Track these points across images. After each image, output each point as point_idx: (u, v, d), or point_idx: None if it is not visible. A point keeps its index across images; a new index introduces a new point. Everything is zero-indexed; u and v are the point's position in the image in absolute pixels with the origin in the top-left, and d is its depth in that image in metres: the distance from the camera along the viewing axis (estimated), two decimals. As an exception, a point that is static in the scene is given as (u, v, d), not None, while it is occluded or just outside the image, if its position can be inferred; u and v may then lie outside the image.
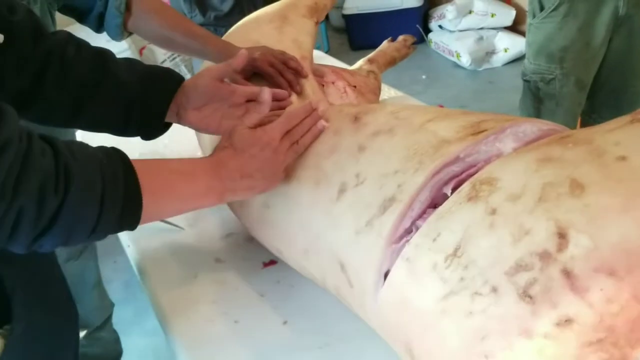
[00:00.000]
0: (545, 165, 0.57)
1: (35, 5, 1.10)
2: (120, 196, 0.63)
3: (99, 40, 1.22)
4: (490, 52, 3.33)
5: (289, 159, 0.79)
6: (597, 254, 0.49)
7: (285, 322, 0.88)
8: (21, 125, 0.58)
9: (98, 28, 1.20)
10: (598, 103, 1.78)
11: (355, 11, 3.68)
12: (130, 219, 0.66)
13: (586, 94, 1.74)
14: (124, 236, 1.15)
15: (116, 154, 0.66)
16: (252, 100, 0.90)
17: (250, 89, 0.91)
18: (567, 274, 0.49)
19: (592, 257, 0.49)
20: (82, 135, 1.35)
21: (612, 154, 0.55)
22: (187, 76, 3.22)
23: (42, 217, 0.57)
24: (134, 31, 1.20)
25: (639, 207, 0.50)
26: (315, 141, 0.81)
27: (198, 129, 0.93)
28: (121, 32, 1.19)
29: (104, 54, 0.88)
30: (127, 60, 0.91)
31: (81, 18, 1.21)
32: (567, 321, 0.48)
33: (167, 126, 0.92)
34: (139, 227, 0.68)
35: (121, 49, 2.87)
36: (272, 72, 1.00)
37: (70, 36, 0.87)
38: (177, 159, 0.78)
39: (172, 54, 3.23)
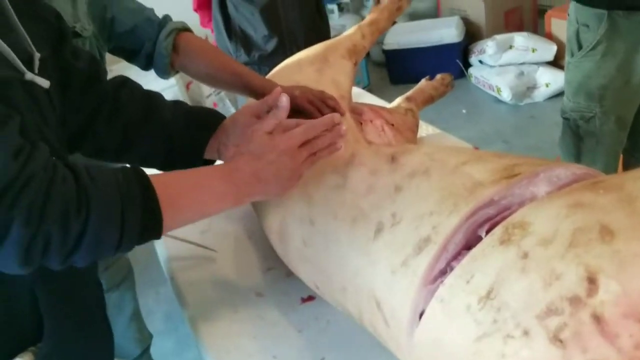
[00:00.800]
0: (577, 210, 0.59)
1: (85, 45, 1.18)
2: (139, 211, 0.68)
3: (149, 74, 1.30)
4: (532, 87, 3.32)
5: (304, 168, 0.81)
6: (626, 300, 0.50)
7: (322, 359, 0.90)
8: (48, 158, 0.64)
9: (146, 67, 1.27)
10: (640, 142, 1.77)
11: (395, 47, 3.73)
12: (152, 231, 0.70)
13: (627, 132, 1.73)
14: (166, 267, 1.20)
15: (133, 172, 0.71)
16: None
17: (285, 122, 0.94)
18: (597, 319, 0.50)
19: (621, 303, 0.50)
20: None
21: (643, 201, 0.56)
22: (232, 110, 3.32)
23: (67, 240, 0.62)
24: (181, 70, 1.27)
25: (669, 254, 0.51)
26: (353, 180, 0.84)
27: None
28: (168, 70, 1.25)
29: (152, 97, 0.95)
30: (173, 102, 0.97)
31: (130, 58, 1.28)
32: (598, 366, 0.49)
33: (209, 163, 0.97)
34: (182, 257, 0.72)
35: (169, 84, 2.98)
36: (311, 109, 1.05)
37: (125, 81, 0.94)
38: (193, 169, 0.81)
39: (216, 90, 3.34)
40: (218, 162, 0.96)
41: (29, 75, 0.70)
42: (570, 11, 1.71)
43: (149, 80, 2.98)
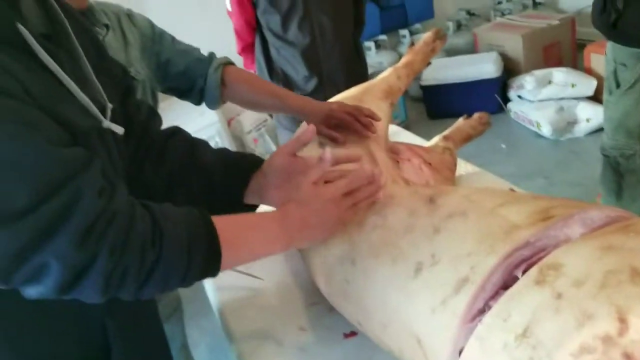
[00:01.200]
0: (608, 253, 0.61)
1: (139, 88, 1.27)
2: (203, 250, 0.76)
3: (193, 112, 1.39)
4: (572, 122, 3.30)
5: (347, 216, 0.88)
6: (657, 341, 0.52)
7: (364, 394, 0.93)
8: (128, 197, 0.73)
9: (199, 101, 1.39)
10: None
11: (432, 82, 3.77)
12: (213, 268, 0.77)
13: (668, 169, 1.73)
14: (213, 299, 1.25)
15: (199, 214, 0.78)
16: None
17: (329, 172, 0.97)
18: (628, 357, 0.53)
19: (652, 343, 0.52)
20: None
21: (673, 245, 0.59)
22: (271, 145, 3.41)
23: (142, 270, 0.70)
24: (228, 99, 1.39)
25: (698, 296, 0.53)
26: (392, 220, 0.88)
27: (277, 206, 1.00)
28: (218, 101, 1.38)
29: (196, 145, 1.01)
30: (217, 149, 1.04)
31: (182, 95, 1.40)
32: (630, 403, 0.52)
33: (252, 207, 1.02)
34: (228, 290, 0.78)
35: (212, 121, 3.10)
36: (349, 119, 1.16)
37: (176, 131, 1.02)
38: (249, 214, 0.89)
39: (258, 125, 3.44)
40: (264, 207, 1.01)
41: (106, 123, 0.79)
42: (607, 50, 1.74)
43: (194, 118, 3.11)
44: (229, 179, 0.98)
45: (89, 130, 0.76)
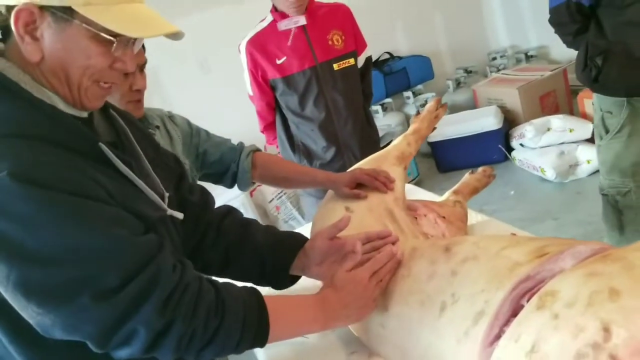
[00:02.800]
0: (592, 278, 0.77)
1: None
2: (255, 323, 0.91)
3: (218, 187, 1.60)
4: (574, 165, 3.46)
5: (376, 293, 1.04)
6: (632, 342, 0.68)
7: None
8: (195, 272, 0.90)
9: (231, 184, 1.58)
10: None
11: (439, 138, 3.97)
12: (261, 340, 0.93)
13: (663, 202, 1.87)
14: (260, 357, 1.39)
15: (254, 292, 0.95)
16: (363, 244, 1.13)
17: (356, 237, 1.13)
18: (613, 357, 0.68)
19: (629, 344, 0.68)
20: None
21: (640, 267, 0.74)
22: (293, 210, 3.57)
23: (205, 335, 0.86)
24: (258, 180, 1.61)
25: (662, 305, 0.69)
26: (416, 269, 1.04)
27: (322, 280, 1.15)
28: (249, 183, 1.59)
29: (250, 224, 1.18)
30: (266, 226, 1.20)
31: (217, 180, 1.59)
32: (618, 393, 0.66)
33: (294, 279, 1.18)
34: (274, 347, 1.01)
35: (236, 193, 3.30)
36: (368, 179, 1.38)
37: (230, 210, 1.19)
38: (295, 296, 1.04)
39: (279, 193, 3.63)
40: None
41: (169, 212, 0.97)
42: (594, 100, 1.92)
43: (221, 192, 3.29)
44: (278, 257, 1.14)
45: (157, 219, 0.93)
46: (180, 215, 0.99)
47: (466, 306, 0.90)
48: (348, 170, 1.49)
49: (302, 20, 2.07)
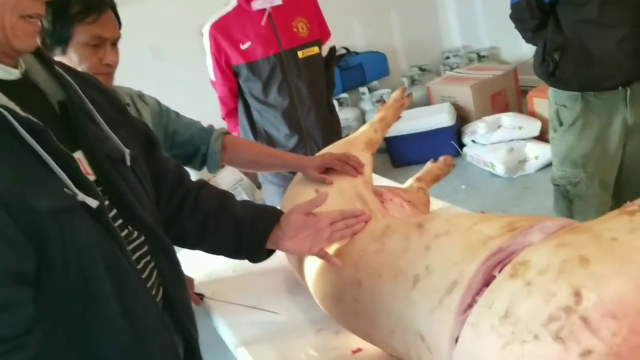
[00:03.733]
0: (562, 248, 0.82)
1: None
2: None
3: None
4: (522, 161, 3.60)
5: (329, 241, 1.12)
6: (602, 304, 0.72)
7: (376, 396, 1.09)
8: None
9: (200, 166, 1.57)
10: (625, 201, 1.99)
11: (394, 133, 4.02)
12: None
13: (610, 193, 1.97)
14: (228, 337, 1.39)
15: None
16: (335, 221, 1.17)
17: (330, 214, 1.17)
18: (584, 319, 0.72)
19: (599, 307, 0.72)
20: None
21: (607, 237, 0.79)
22: (248, 198, 3.57)
23: None
24: (228, 163, 1.60)
25: (627, 271, 0.74)
26: (390, 245, 1.07)
27: (294, 253, 1.22)
28: (219, 166, 1.58)
29: (226, 194, 1.19)
30: (243, 200, 1.21)
31: (186, 162, 1.57)
32: (588, 352, 0.71)
33: (269, 253, 1.18)
34: (242, 326, 1.12)
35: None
36: (339, 163, 1.41)
37: (205, 184, 1.19)
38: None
39: (235, 184, 3.61)
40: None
41: (80, 197, 0.78)
42: (549, 94, 2.01)
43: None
44: (255, 229, 1.14)
45: (62, 208, 0.76)
46: (93, 204, 0.79)
47: (440, 277, 0.94)
48: (317, 154, 1.51)
49: (277, 0, 2.06)
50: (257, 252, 1.16)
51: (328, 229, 1.14)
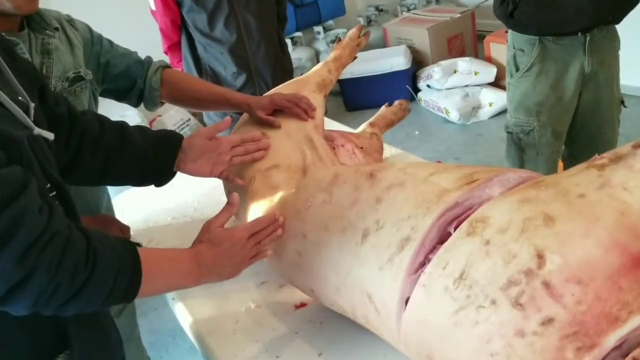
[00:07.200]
0: (525, 204, 0.74)
1: (85, 91, 1.30)
2: (128, 277, 0.81)
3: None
4: (477, 107, 3.56)
5: (253, 252, 0.98)
6: (567, 268, 0.66)
7: (320, 354, 1.03)
8: (64, 218, 0.77)
9: (137, 103, 1.43)
10: (577, 150, 1.98)
11: (349, 75, 3.90)
12: (132, 293, 0.82)
13: (562, 142, 1.94)
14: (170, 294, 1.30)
15: (128, 244, 0.84)
16: (236, 145, 1.16)
17: (231, 138, 1.18)
18: (547, 284, 0.66)
19: (563, 271, 0.66)
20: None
21: (574, 193, 0.72)
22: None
23: (71, 289, 0.74)
24: (167, 100, 1.45)
25: (596, 231, 0.67)
26: (339, 195, 0.99)
27: (195, 175, 1.16)
28: (158, 102, 1.44)
29: (123, 126, 1.11)
30: (138, 127, 1.14)
31: (121, 97, 1.43)
32: (549, 320, 0.65)
33: (173, 175, 1.15)
34: None
35: (134, 122, 3.08)
36: (289, 104, 1.30)
37: (95, 115, 1.10)
38: (167, 249, 0.97)
39: (181, 125, 3.45)
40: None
41: (36, 130, 0.81)
42: (508, 38, 1.93)
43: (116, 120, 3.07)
44: (160, 158, 1.11)
45: (21, 140, 0.76)
46: (50, 136, 0.85)
47: (391, 233, 0.86)
48: (266, 94, 1.38)
49: None
50: (163, 179, 1.15)
51: (229, 152, 1.16)
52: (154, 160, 1.11)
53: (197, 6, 1.95)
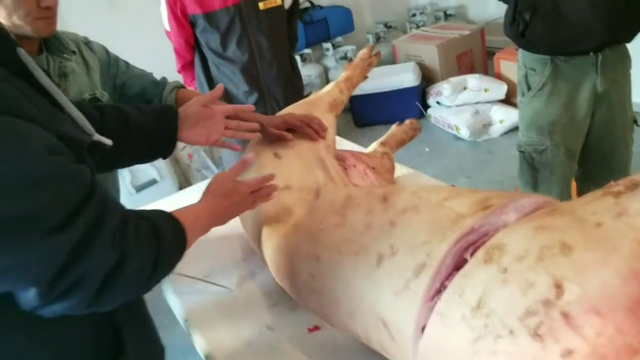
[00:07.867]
0: (541, 232, 0.74)
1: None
2: (179, 239, 0.90)
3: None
4: (487, 124, 3.55)
5: (247, 207, 1.09)
6: (586, 299, 0.65)
7: (332, 378, 1.02)
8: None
9: None
10: (591, 170, 1.96)
11: (358, 92, 3.90)
12: (182, 253, 0.91)
13: (576, 162, 1.93)
14: (178, 310, 1.30)
15: (164, 212, 0.92)
16: (230, 117, 1.21)
17: (226, 107, 1.22)
18: (565, 315, 0.65)
19: (582, 301, 0.65)
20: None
21: (591, 222, 0.72)
22: (207, 160, 3.43)
23: (150, 261, 0.80)
24: None
25: (614, 261, 0.66)
26: (352, 218, 0.98)
27: (191, 143, 1.21)
28: None
29: (121, 109, 1.14)
30: (135, 107, 1.16)
31: None
32: (569, 352, 0.64)
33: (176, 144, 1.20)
34: (193, 297, 1.07)
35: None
36: (300, 124, 1.31)
37: (93, 106, 1.12)
38: (188, 208, 1.00)
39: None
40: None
41: (96, 136, 0.88)
42: (519, 57, 1.93)
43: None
44: (164, 133, 1.15)
45: (85, 144, 0.84)
46: (109, 142, 0.91)
47: (406, 258, 0.85)
48: (278, 114, 1.39)
49: None
50: (168, 151, 1.19)
51: (223, 122, 1.20)
52: (158, 135, 1.15)
53: (210, 27, 1.97)
